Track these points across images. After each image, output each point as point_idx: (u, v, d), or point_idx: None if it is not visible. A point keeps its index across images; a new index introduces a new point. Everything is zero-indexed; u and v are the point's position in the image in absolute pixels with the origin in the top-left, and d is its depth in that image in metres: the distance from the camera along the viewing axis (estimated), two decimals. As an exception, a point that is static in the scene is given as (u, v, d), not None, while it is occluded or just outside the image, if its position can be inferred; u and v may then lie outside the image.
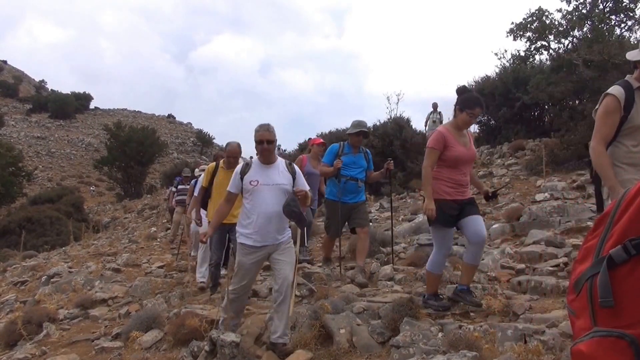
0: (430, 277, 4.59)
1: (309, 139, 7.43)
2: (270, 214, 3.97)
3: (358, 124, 6.16)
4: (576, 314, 1.14)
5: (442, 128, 4.37)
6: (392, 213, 7.19)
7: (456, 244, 6.60)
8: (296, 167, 4.27)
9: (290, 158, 13.94)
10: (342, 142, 6.30)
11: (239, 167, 4.14)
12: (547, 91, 12.71)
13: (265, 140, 4.03)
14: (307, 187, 4.22)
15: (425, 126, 16.69)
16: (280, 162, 4.21)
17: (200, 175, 9.01)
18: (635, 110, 3.02)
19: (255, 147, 4.10)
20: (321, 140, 7.77)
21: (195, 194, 9.12)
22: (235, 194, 4.16)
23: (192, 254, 8.82)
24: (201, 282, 6.80)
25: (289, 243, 4.22)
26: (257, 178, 4.01)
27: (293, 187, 4.12)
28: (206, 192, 6.31)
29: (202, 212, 6.88)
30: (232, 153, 6.02)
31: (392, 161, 6.22)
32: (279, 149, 24.15)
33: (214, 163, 6.36)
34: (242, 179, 4.05)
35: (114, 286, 7.58)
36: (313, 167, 7.17)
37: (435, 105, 16.79)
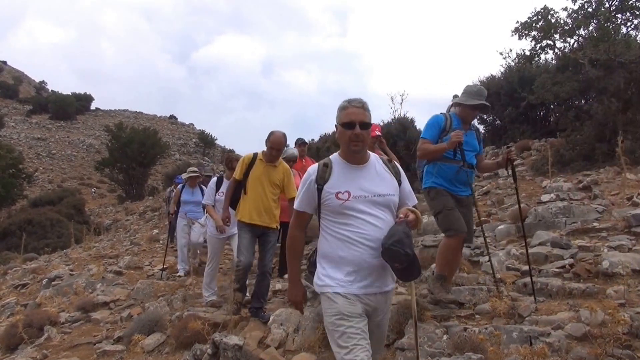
0: None
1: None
2: (378, 245, 2.45)
3: (477, 92, 4.42)
4: None
5: None
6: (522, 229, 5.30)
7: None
8: (399, 166, 2.81)
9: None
10: (446, 113, 4.56)
11: (313, 171, 2.62)
12: (552, 91, 12.67)
13: (359, 123, 2.49)
14: (416, 200, 2.80)
15: None
16: (374, 158, 2.70)
17: (189, 176, 8.65)
18: None
19: (339, 136, 2.60)
20: (379, 131, 5.64)
21: (186, 198, 8.52)
22: (309, 215, 2.65)
23: (180, 273, 8.49)
24: (211, 300, 6.11)
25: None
26: (346, 187, 2.51)
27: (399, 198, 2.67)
28: (238, 187, 5.25)
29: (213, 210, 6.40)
30: (276, 144, 5.03)
31: (513, 149, 4.68)
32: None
33: (252, 153, 5.27)
34: (320, 189, 2.54)
35: (116, 289, 7.57)
36: None
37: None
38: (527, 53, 16.45)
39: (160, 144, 41.13)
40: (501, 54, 17.08)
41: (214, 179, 6.59)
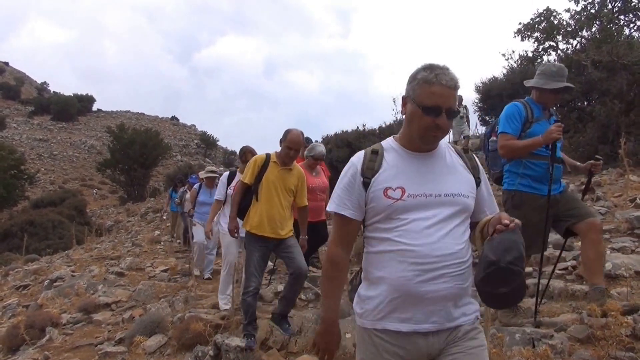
0: None
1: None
2: (441, 263, 1.75)
3: (557, 72, 3.75)
4: None
5: None
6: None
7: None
8: (477, 159, 2.04)
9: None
10: (523, 101, 3.88)
11: (358, 159, 1.91)
12: (555, 92, 12.61)
13: (446, 110, 1.80)
14: (497, 209, 2.01)
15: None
16: (445, 145, 1.98)
17: (207, 176, 8.20)
18: None
19: (411, 118, 1.85)
20: None
21: (204, 199, 8.03)
22: (357, 223, 1.91)
23: (196, 273, 8.19)
24: (225, 309, 5.58)
25: (478, 327, 1.87)
26: (400, 183, 1.83)
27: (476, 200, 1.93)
28: (247, 193, 4.53)
29: (223, 220, 5.74)
30: (294, 144, 4.38)
31: (600, 163, 3.83)
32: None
33: (264, 154, 4.61)
34: (367, 185, 1.85)
35: (118, 290, 7.57)
36: None
37: (459, 99, 14.04)
38: (530, 54, 16.50)
39: (161, 145, 41.12)
40: (503, 55, 17.14)
41: (226, 173, 6.06)
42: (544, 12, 15.72)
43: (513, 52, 17.29)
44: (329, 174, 6.76)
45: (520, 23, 16.31)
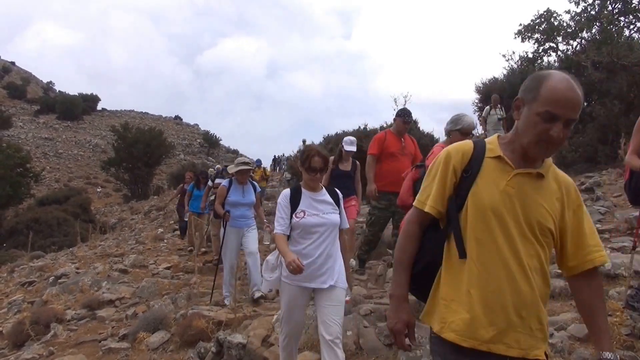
0: None
1: None
2: None
3: None
4: None
5: None
6: None
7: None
8: None
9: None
10: None
11: None
12: (555, 93, 12.55)
13: None
14: None
15: (484, 126, 12.74)
16: None
17: (238, 169, 6.14)
18: None
19: None
20: None
21: (236, 198, 6.10)
22: None
23: (226, 302, 6.04)
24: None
25: None
26: None
27: None
28: (432, 236, 1.82)
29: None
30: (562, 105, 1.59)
31: None
32: (304, 143, 20.88)
33: (470, 142, 1.80)
34: None
35: (121, 287, 7.61)
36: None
37: (495, 100, 12.49)
38: (530, 55, 16.51)
39: (165, 144, 41.21)
40: (504, 56, 17.16)
41: (287, 191, 3.43)
42: (544, 13, 15.72)
43: (513, 53, 17.33)
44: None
45: (520, 24, 16.34)
